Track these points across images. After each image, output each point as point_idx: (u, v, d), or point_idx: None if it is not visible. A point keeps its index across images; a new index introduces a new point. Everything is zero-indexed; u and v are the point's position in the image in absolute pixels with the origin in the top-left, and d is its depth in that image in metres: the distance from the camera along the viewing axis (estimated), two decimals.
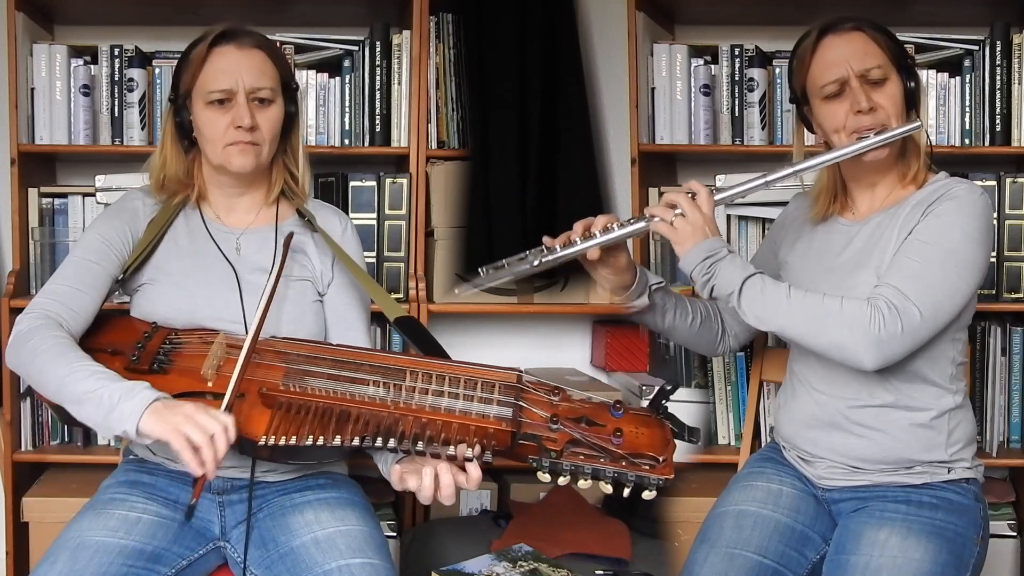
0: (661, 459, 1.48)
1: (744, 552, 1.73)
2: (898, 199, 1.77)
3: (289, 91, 1.79)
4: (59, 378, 1.54)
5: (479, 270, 1.81)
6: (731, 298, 1.70)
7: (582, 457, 1.48)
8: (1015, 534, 2.54)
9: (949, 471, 1.74)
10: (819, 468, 1.80)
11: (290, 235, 1.75)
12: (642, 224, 1.76)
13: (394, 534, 2.44)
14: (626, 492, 1.48)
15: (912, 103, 1.75)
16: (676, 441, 1.52)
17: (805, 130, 1.87)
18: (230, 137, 1.71)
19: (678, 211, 1.72)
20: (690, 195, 1.73)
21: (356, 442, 1.49)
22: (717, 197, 1.75)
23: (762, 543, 1.74)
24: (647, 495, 1.47)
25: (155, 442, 1.48)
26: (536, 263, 1.77)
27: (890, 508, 1.72)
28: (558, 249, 1.77)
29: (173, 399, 1.51)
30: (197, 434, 1.44)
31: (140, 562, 1.59)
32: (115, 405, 1.48)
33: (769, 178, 1.75)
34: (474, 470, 1.48)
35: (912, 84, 1.74)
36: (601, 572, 2.13)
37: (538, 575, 2.06)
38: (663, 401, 1.55)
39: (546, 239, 1.80)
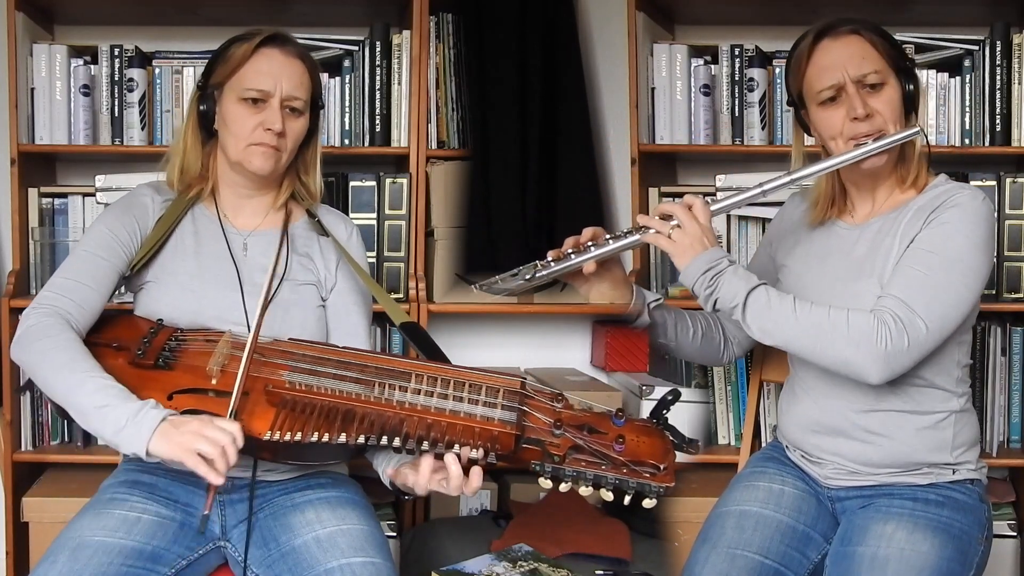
0: (662, 467, 1.48)
1: (746, 552, 1.72)
2: (898, 203, 1.75)
3: (315, 108, 1.80)
4: (67, 387, 1.55)
5: (473, 287, 1.81)
6: (735, 311, 1.66)
7: (584, 463, 1.49)
8: (1015, 534, 2.55)
9: (954, 472, 1.74)
10: (825, 468, 1.80)
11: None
12: (636, 237, 1.73)
13: (394, 534, 2.44)
14: (627, 500, 1.49)
15: (911, 106, 1.73)
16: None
17: (804, 132, 1.85)
18: (256, 137, 1.72)
19: (674, 222, 1.68)
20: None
21: (361, 440, 1.49)
22: (713, 207, 1.71)
23: (764, 544, 1.74)
24: (647, 503, 1.48)
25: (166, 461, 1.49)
26: (529, 277, 1.75)
27: (896, 504, 1.72)
28: (552, 263, 1.75)
29: (180, 415, 1.52)
30: (208, 447, 1.46)
31: (140, 562, 1.59)
32: (122, 427, 1.49)
33: (766, 187, 1.71)
34: (475, 477, 1.49)
35: (911, 87, 1.72)
36: (601, 572, 2.13)
37: (538, 575, 2.06)
38: (664, 412, 1.56)
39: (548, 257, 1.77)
